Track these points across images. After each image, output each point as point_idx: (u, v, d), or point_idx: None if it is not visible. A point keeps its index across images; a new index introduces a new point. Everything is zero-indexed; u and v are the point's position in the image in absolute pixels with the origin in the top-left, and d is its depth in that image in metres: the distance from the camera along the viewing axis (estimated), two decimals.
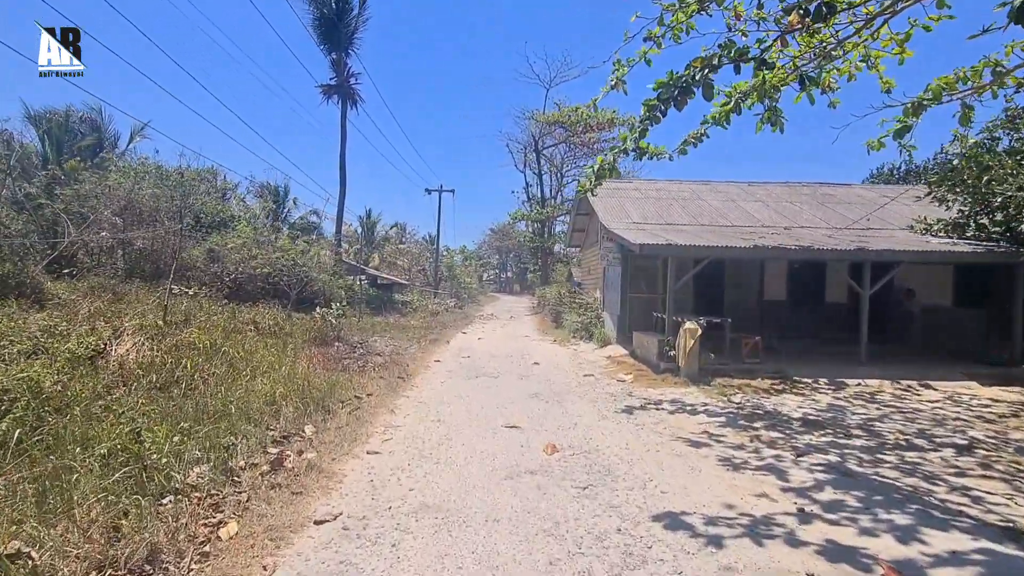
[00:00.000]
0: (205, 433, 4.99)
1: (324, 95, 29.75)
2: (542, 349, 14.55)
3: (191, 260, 18.13)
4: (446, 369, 10.79)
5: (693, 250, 10.09)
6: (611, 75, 7.26)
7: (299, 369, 8.25)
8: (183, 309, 11.32)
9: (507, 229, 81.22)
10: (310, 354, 10.54)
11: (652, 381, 9.37)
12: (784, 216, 14.53)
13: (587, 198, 18.20)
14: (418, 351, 13.41)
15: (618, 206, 15.01)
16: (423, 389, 8.68)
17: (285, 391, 6.83)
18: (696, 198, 16.03)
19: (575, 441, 5.89)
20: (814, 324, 13.87)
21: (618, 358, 11.98)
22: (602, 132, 33.18)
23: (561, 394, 8.45)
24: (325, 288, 22.99)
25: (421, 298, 31.96)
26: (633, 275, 13.90)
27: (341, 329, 14.50)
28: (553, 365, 11.62)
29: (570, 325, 17.83)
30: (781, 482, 4.71)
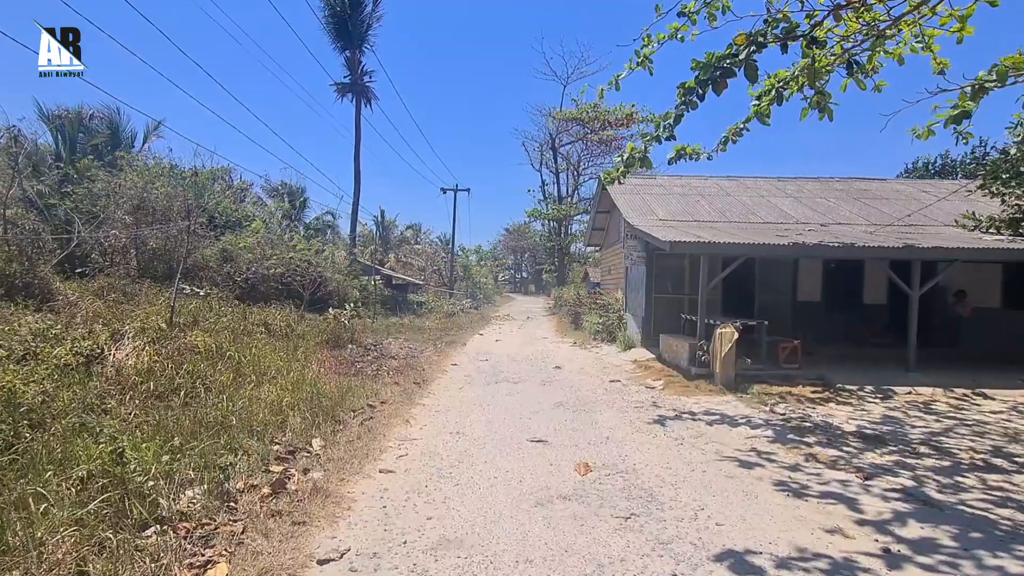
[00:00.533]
0: (201, 449, 4.50)
1: (338, 93, 29.47)
2: (563, 352, 13.96)
3: (204, 260, 17.89)
4: (464, 374, 10.26)
5: (727, 248, 9.43)
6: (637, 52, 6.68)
7: (309, 374, 7.77)
8: (191, 310, 10.95)
9: (522, 229, 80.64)
10: (321, 357, 10.09)
11: (684, 388, 8.74)
12: (818, 212, 13.76)
13: (608, 195, 17.58)
14: (434, 354, 12.91)
15: (642, 203, 14.36)
16: (440, 396, 8.15)
17: (292, 399, 6.35)
18: (723, 194, 15.30)
19: (609, 458, 5.30)
20: (851, 327, 13.08)
21: (644, 362, 11.34)
22: (620, 129, 32.43)
23: (588, 403, 7.86)
24: (340, 288, 22.66)
25: (436, 298, 31.54)
26: (658, 275, 13.25)
27: (355, 331, 14.07)
28: (576, 370, 11.02)
29: (590, 327, 17.22)
30: (854, 513, 4.07)
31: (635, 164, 7.24)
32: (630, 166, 7.27)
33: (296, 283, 17.10)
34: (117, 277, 13.93)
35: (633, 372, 10.63)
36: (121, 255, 16.92)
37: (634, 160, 7.18)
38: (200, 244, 18.69)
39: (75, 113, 17.48)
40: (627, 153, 7.18)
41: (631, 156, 7.16)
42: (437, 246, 49.51)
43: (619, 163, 7.22)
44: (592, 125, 31.81)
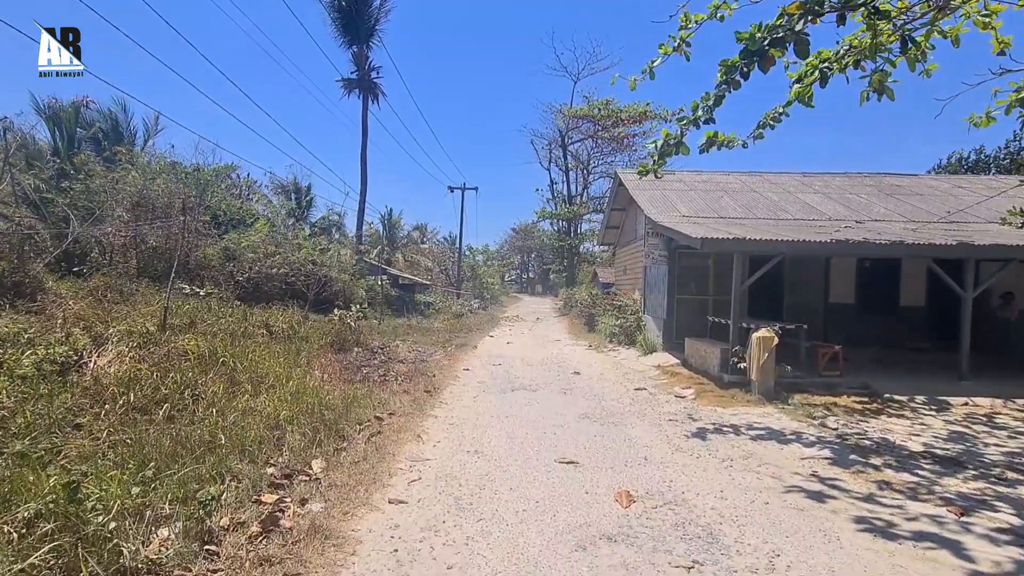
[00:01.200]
0: (182, 477, 3.85)
1: (345, 89, 28.90)
2: (579, 356, 13.26)
3: (206, 259, 17.35)
4: (477, 380, 9.58)
5: (763, 245, 8.71)
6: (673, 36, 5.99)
7: (311, 382, 7.12)
8: (188, 311, 10.35)
9: (529, 229, 79.89)
10: (325, 362, 9.45)
11: (719, 398, 8.02)
12: (850, 209, 12.98)
13: (624, 192, 16.87)
14: (444, 357, 12.25)
15: (662, 199, 13.64)
16: (454, 406, 7.47)
17: (291, 412, 5.69)
18: (748, 190, 14.55)
19: (652, 485, 4.61)
20: (886, 331, 12.31)
21: (669, 368, 10.62)
22: (633, 126, 31.67)
23: (616, 414, 7.16)
24: (345, 288, 22.05)
25: (444, 299, 30.91)
26: (681, 275, 12.53)
27: (361, 333, 13.45)
28: (596, 375, 10.32)
29: (606, 329, 16.50)
30: (964, 562, 3.36)
31: (671, 151, 6.54)
32: (666, 154, 6.57)
33: (300, 283, 16.50)
34: (114, 276, 13.39)
35: (658, 379, 9.91)
36: (121, 254, 16.42)
37: (669, 147, 6.49)
38: (203, 243, 18.18)
39: (72, 106, 16.94)
40: (661, 140, 6.48)
41: (666, 143, 6.46)
42: (444, 245, 48.92)
43: (652, 152, 6.53)
44: (604, 122, 31.05)
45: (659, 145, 6.46)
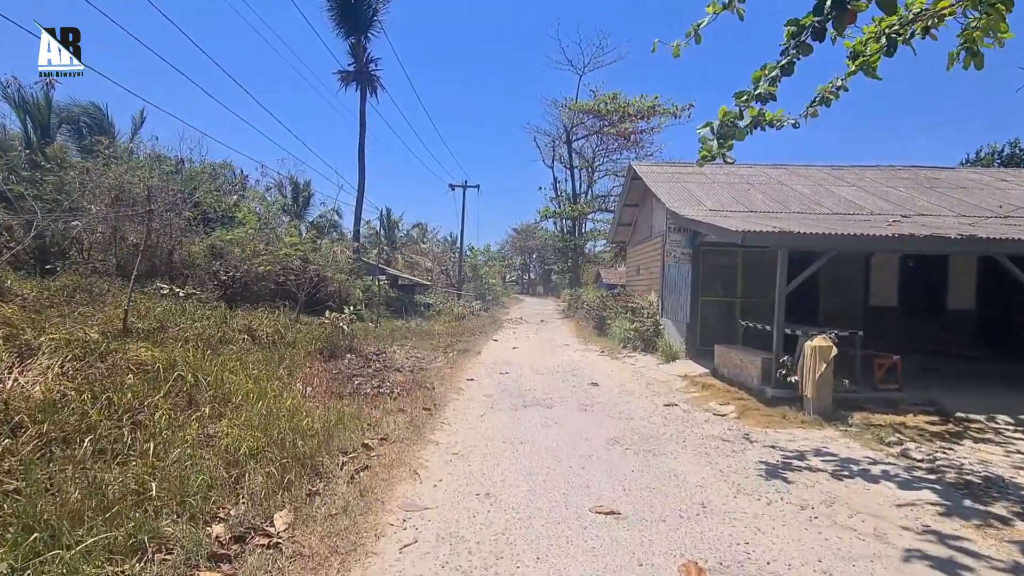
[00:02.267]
0: (72, 557, 2.72)
1: (342, 82, 27.79)
2: (593, 363, 12.13)
3: (191, 257, 16.26)
4: (483, 393, 8.45)
5: (813, 240, 7.59)
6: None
7: (288, 400, 5.98)
8: (159, 314, 9.23)
9: (531, 229, 78.76)
10: (310, 373, 8.32)
11: (767, 417, 6.87)
12: (891, 203, 11.85)
13: (638, 186, 15.76)
14: (446, 365, 11.12)
15: (684, 192, 12.51)
16: (457, 428, 6.33)
17: (257, 442, 4.56)
18: (776, 183, 13.43)
19: (723, 549, 3.47)
20: (932, 337, 11.18)
21: (698, 379, 9.48)
22: (640, 122, 30.55)
23: (650, 438, 6.02)
24: (341, 289, 20.93)
25: (445, 300, 29.78)
26: (706, 275, 11.40)
27: (354, 337, 12.31)
28: (617, 387, 9.19)
29: (619, 333, 15.37)
30: None
31: (731, 133, 5.41)
32: (728, 136, 5.42)
33: (291, 283, 15.37)
34: (86, 275, 12.30)
35: (688, 392, 8.78)
36: (101, 251, 15.35)
37: (728, 128, 5.36)
38: (188, 240, 17.09)
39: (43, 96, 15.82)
40: (717, 121, 5.34)
41: (724, 124, 5.33)
42: (445, 245, 47.84)
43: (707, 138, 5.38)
44: (610, 117, 29.90)
45: (716, 126, 5.31)
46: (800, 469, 5.07)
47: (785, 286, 7.78)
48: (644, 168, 14.70)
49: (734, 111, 5.16)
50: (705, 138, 5.35)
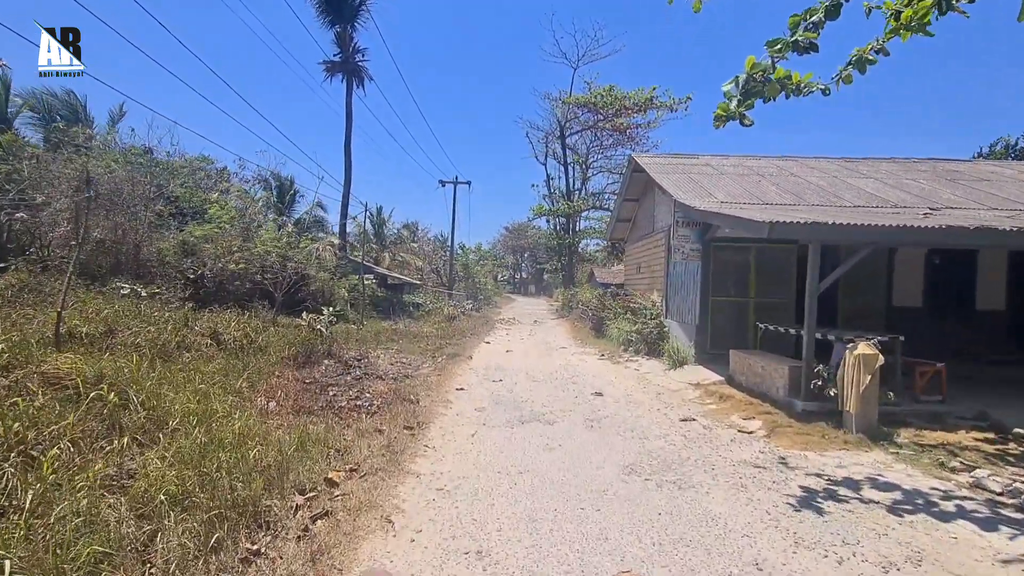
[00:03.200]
0: None
1: (327, 73, 26.66)
2: (593, 368, 11.19)
3: (160, 254, 15.15)
4: (474, 406, 7.47)
5: (850, 232, 6.69)
6: None
7: (240, 422, 4.98)
8: (107, 316, 8.17)
9: (522, 228, 77.81)
10: (276, 384, 7.31)
11: (803, 438, 5.95)
12: (913, 195, 11.02)
13: (639, 179, 14.84)
14: (433, 371, 10.14)
15: (690, 183, 11.61)
16: (444, 453, 5.36)
17: (184, 485, 3.56)
18: (787, 174, 12.56)
19: None
20: (960, 339, 10.34)
21: (712, 388, 8.57)
22: (636, 116, 29.66)
23: (672, 464, 5.09)
24: (325, 289, 19.86)
25: (435, 300, 28.75)
26: (716, 273, 10.50)
27: (334, 341, 11.30)
28: (623, 397, 8.26)
29: (619, 336, 14.45)
30: None
31: (758, 90, 4.47)
32: (753, 93, 4.48)
33: (267, 281, 14.30)
34: (35, 273, 11.21)
35: (703, 403, 7.86)
36: (63, 247, 14.23)
37: (756, 84, 4.43)
38: (159, 235, 15.99)
39: None
40: (744, 75, 4.42)
41: (751, 78, 4.40)
42: (435, 244, 46.78)
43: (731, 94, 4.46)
44: (605, 111, 28.99)
45: (741, 82, 4.38)
46: (861, 507, 4.15)
47: (817, 284, 6.88)
48: (647, 159, 13.80)
49: (763, 62, 4.23)
50: (729, 94, 4.40)
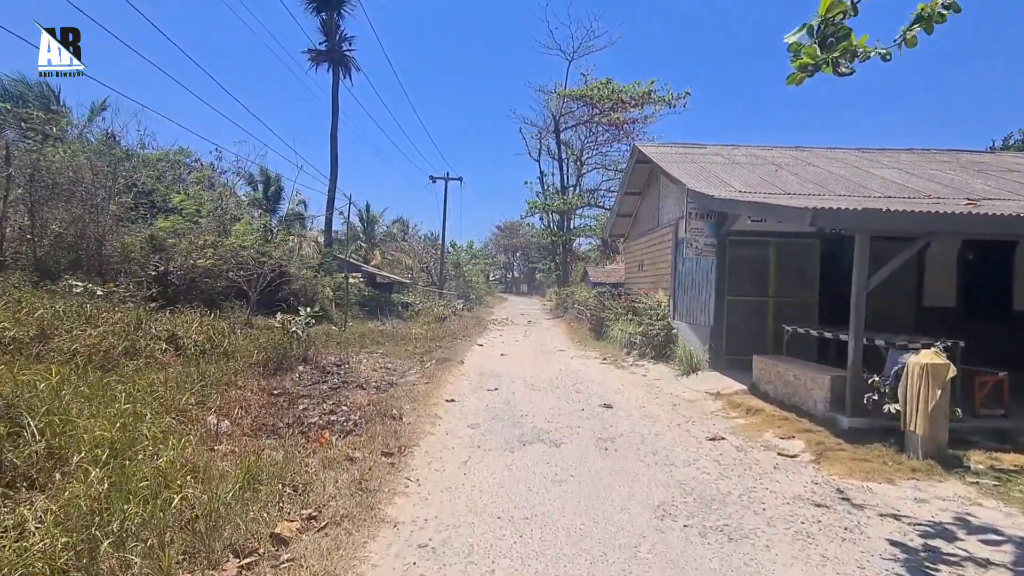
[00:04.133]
0: None
1: (312, 62, 25.48)
2: (596, 374, 10.22)
3: (125, 250, 14.00)
4: (467, 422, 6.46)
5: (906, 220, 5.78)
6: None
7: (171, 453, 3.94)
8: (43, 318, 7.08)
9: (515, 226, 76.70)
10: (237, 396, 6.26)
11: (860, 464, 4.98)
12: (944, 185, 10.16)
13: (642, 171, 13.90)
14: (421, 378, 9.13)
15: (703, 173, 10.68)
16: (429, 491, 4.34)
17: (63, 553, 2.53)
18: (804, 164, 11.67)
19: None
20: (996, 342, 9.44)
21: (734, 397, 7.63)
22: (633, 110, 28.74)
23: (712, 502, 4.11)
24: (307, 287, 18.77)
25: (425, 299, 27.65)
26: (733, 270, 9.56)
27: (311, 344, 10.24)
28: (636, 408, 7.28)
29: (621, 337, 13.51)
30: None
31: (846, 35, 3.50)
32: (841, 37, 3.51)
33: (241, 279, 13.19)
34: None
35: (728, 417, 6.90)
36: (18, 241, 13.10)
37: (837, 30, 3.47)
38: (126, 229, 14.82)
39: None
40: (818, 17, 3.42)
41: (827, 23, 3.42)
42: (426, 242, 45.65)
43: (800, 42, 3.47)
44: (602, 105, 28.04)
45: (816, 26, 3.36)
46: (969, 568, 3.19)
47: (866, 281, 5.95)
48: (652, 149, 12.87)
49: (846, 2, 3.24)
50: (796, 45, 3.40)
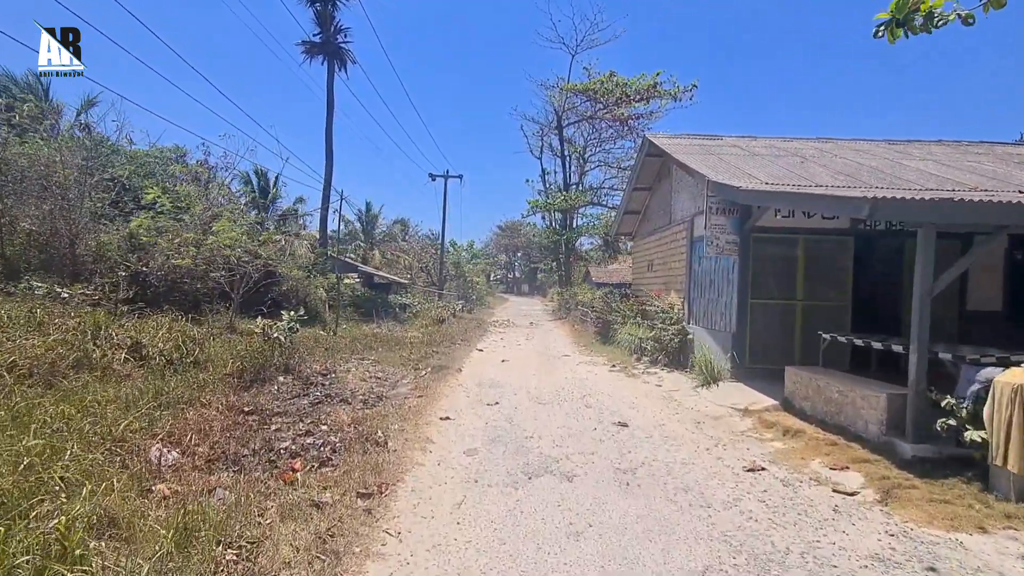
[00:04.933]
0: None
1: (306, 54, 24.58)
2: (606, 384, 9.35)
3: (100, 249, 13.17)
4: (463, 448, 5.58)
5: (991, 211, 4.91)
6: None
7: (83, 507, 3.07)
8: None
9: (516, 226, 75.70)
10: (196, 419, 5.40)
11: (941, 508, 4.10)
12: (988, 177, 9.28)
13: (652, 165, 13.05)
14: (414, 389, 8.27)
15: (723, 164, 9.81)
16: (413, 551, 3.46)
17: None
18: (830, 155, 10.80)
19: None
20: None
21: (765, 415, 6.75)
22: (638, 105, 27.81)
23: (770, 564, 3.24)
24: (299, 288, 17.91)
25: (424, 300, 26.78)
26: (757, 270, 8.70)
27: (295, 352, 9.38)
28: (654, 427, 6.41)
29: (629, 342, 12.65)
30: None
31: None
32: None
33: (224, 280, 12.32)
34: None
35: (763, 439, 6.03)
36: None
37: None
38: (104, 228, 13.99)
39: None
40: None
41: None
42: (425, 241, 44.76)
43: None
44: (606, 99, 27.14)
45: None
46: None
47: (931, 283, 5.07)
48: (664, 139, 11.99)
49: None
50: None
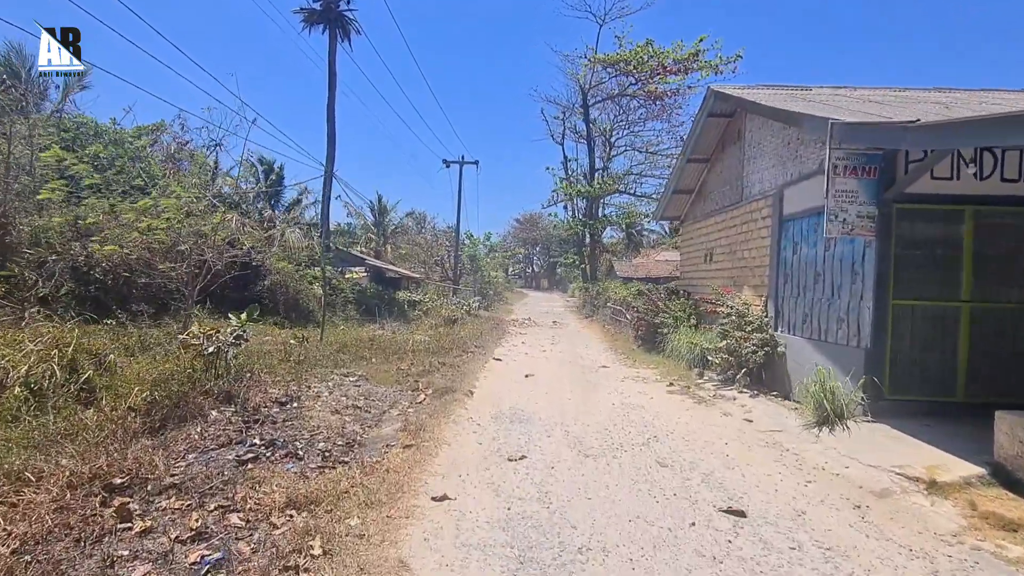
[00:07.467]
0: None
1: (305, 23, 22.17)
2: (672, 415, 6.70)
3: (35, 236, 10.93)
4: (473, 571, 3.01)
5: None
6: None
7: None
8: None
9: (534, 219, 72.79)
10: None
11: None
12: None
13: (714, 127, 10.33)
14: (403, 429, 5.75)
15: (839, 112, 7.05)
16: None
17: None
18: (921, 102, 7.99)
19: None
20: None
21: (970, 494, 4.05)
22: (675, 80, 24.76)
23: None
24: (289, 283, 15.53)
25: (437, 296, 24.25)
26: (902, 258, 5.98)
27: (245, 370, 6.91)
28: (796, 525, 3.77)
29: (688, 351, 9.98)
30: None
31: None
32: None
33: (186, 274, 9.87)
34: None
35: (996, 553, 3.35)
36: None
37: None
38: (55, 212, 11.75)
39: None
40: None
41: None
42: (439, 234, 42.26)
43: None
44: (640, 72, 24.18)
45: None
46: None
47: None
48: (734, 89, 9.25)
49: None
50: None
